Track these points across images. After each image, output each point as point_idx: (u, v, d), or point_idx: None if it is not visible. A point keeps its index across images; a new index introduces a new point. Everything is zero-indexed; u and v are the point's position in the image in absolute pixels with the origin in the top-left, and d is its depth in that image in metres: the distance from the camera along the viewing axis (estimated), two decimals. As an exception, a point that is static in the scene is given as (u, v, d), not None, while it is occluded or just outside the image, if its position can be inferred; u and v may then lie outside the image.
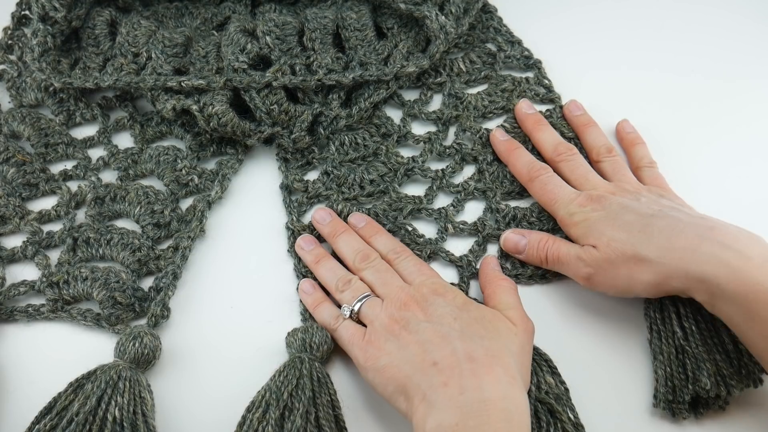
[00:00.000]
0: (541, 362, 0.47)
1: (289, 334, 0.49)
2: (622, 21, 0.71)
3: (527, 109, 0.60)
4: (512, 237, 0.53)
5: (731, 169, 0.60)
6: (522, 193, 0.57)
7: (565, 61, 0.67)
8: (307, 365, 0.46)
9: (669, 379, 0.46)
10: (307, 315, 0.51)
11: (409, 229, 0.55)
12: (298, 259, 0.54)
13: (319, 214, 0.55)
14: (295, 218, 0.56)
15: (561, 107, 0.62)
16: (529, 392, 0.45)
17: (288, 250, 0.55)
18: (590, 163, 0.57)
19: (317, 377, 0.46)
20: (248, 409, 0.45)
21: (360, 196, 0.58)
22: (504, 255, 0.54)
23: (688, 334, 0.47)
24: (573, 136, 0.60)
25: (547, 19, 0.71)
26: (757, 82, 0.66)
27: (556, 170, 0.56)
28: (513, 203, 0.57)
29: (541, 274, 0.53)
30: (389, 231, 0.55)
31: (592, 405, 0.47)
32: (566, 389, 0.46)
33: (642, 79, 0.66)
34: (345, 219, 0.56)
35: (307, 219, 0.57)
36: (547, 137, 0.58)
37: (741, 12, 0.72)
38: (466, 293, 0.52)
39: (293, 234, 0.55)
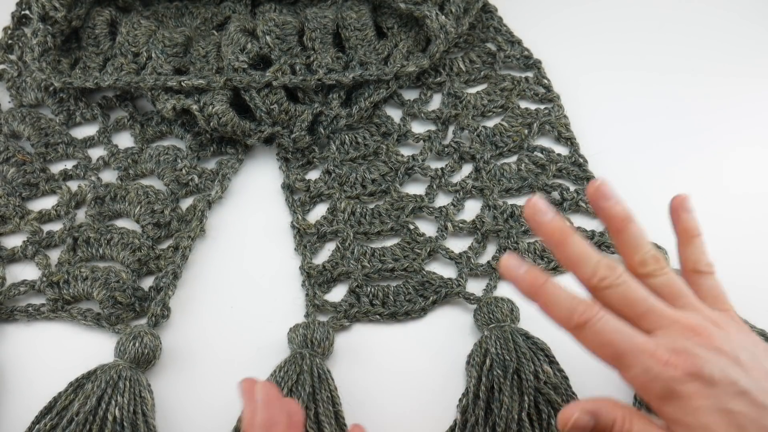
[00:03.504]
0: (537, 351, 0.47)
1: (290, 329, 0.49)
2: (621, 21, 0.71)
3: (544, 213, 0.40)
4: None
5: (734, 167, 0.60)
6: (520, 189, 0.58)
7: (565, 61, 0.67)
8: (307, 361, 0.46)
9: None
10: (309, 311, 0.51)
11: (411, 227, 0.55)
12: (303, 258, 0.54)
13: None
14: (300, 217, 0.56)
15: (560, 106, 0.62)
16: (527, 382, 0.45)
17: (294, 249, 0.55)
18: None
19: (317, 373, 0.46)
20: None
21: (362, 195, 0.58)
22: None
23: None
24: (570, 137, 0.60)
25: (547, 19, 0.71)
26: (758, 81, 0.66)
27: (600, 299, 0.39)
28: (510, 200, 0.57)
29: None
30: (392, 230, 0.55)
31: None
32: (565, 377, 0.46)
33: (642, 78, 0.66)
34: (347, 217, 0.56)
35: (311, 218, 0.57)
36: (582, 252, 0.39)
37: (740, 12, 0.72)
38: (464, 289, 0.52)
39: (299, 233, 0.56)
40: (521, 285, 0.40)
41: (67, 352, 0.50)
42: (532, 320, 0.49)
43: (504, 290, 0.52)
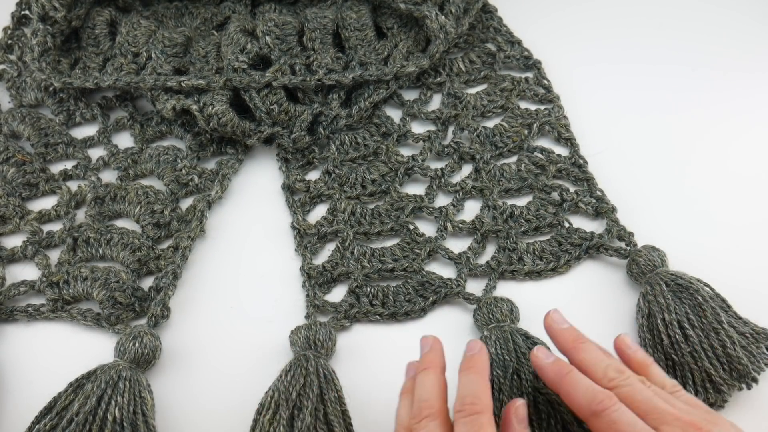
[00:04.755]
0: None
1: (292, 332, 0.49)
2: (621, 21, 0.71)
3: (561, 323, 0.47)
4: None
5: (732, 166, 0.60)
6: (519, 190, 0.58)
7: (565, 61, 0.67)
8: (312, 363, 0.46)
9: None
10: (310, 312, 0.51)
11: (411, 227, 0.55)
12: (303, 259, 0.54)
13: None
14: (300, 218, 0.56)
15: (560, 107, 0.62)
16: (527, 382, 0.45)
17: (295, 250, 0.55)
18: None
19: (324, 374, 0.46)
20: (258, 411, 0.44)
21: (362, 196, 0.58)
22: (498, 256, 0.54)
23: (673, 342, 0.47)
24: (570, 138, 0.60)
25: (547, 19, 0.71)
26: (760, 76, 0.66)
27: None
28: (510, 201, 0.57)
29: (537, 272, 0.53)
30: (392, 230, 0.56)
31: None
32: None
33: (642, 78, 0.66)
34: (347, 217, 0.56)
35: (311, 218, 0.57)
36: (593, 357, 0.44)
37: (741, 11, 0.72)
38: (464, 289, 0.52)
39: (299, 233, 0.56)
40: (546, 374, 0.44)
41: (67, 352, 0.50)
42: (532, 320, 0.49)
43: (503, 290, 0.52)
